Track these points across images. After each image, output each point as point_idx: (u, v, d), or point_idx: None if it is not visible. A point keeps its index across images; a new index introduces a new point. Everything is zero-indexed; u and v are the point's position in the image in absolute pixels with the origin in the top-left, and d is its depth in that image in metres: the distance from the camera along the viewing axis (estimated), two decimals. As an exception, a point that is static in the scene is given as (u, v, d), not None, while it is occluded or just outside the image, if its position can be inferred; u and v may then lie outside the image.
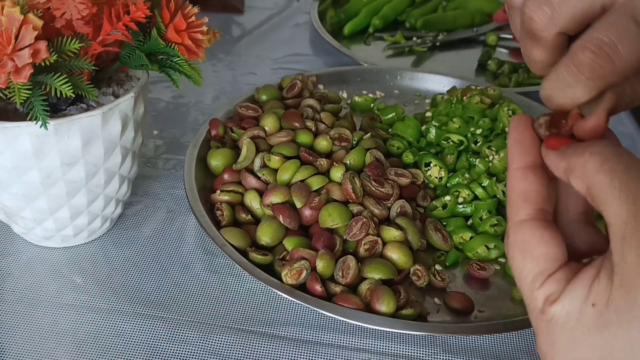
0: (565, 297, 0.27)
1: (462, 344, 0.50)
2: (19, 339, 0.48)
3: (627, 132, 0.78)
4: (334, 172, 0.57)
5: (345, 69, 0.82)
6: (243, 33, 0.98)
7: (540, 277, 0.28)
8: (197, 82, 0.51)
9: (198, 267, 0.56)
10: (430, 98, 0.78)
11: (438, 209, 0.60)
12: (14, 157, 0.46)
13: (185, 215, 0.61)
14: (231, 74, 0.86)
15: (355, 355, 0.49)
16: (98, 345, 0.48)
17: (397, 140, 0.66)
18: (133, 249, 0.57)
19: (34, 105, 0.43)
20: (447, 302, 0.52)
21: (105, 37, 0.47)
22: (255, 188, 0.57)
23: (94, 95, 0.46)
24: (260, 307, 0.52)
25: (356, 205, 0.55)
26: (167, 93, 0.79)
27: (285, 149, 0.59)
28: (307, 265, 0.50)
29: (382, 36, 0.97)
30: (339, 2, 1.04)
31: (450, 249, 0.57)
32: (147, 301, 0.52)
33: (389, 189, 0.57)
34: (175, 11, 0.48)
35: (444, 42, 0.97)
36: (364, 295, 0.50)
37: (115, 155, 0.51)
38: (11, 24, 0.40)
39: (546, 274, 0.28)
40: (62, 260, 0.55)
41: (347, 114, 0.72)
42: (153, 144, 0.70)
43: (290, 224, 0.54)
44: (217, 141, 0.64)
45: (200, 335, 0.49)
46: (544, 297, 0.28)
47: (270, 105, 0.67)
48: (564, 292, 0.27)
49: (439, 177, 0.62)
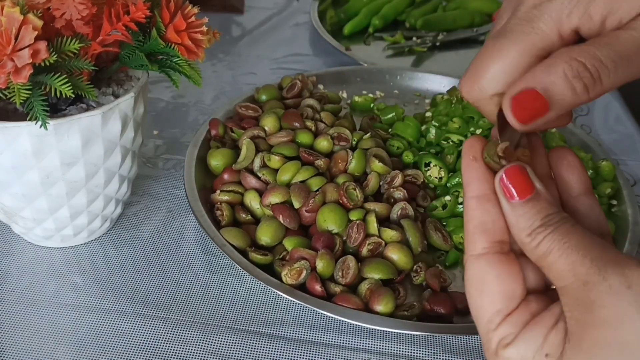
0: (520, 342, 0.27)
1: (462, 344, 0.50)
2: (19, 339, 0.48)
3: (627, 132, 0.78)
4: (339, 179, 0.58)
5: (345, 69, 0.82)
6: (243, 33, 0.98)
7: (496, 318, 0.28)
8: (197, 82, 0.51)
9: (198, 267, 0.56)
10: (430, 98, 0.78)
11: (438, 209, 0.60)
12: (13, 157, 0.46)
13: (185, 215, 0.61)
14: (231, 74, 0.86)
15: (355, 355, 0.49)
16: (98, 345, 0.48)
17: (397, 140, 0.66)
18: (133, 249, 0.57)
19: (33, 105, 0.43)
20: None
21: (105, 37, 0.47)
22: (255, 188, 0.57)
23: (93, 96, 0.46)
24: (260, 307, 0.52)
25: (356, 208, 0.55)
26: (167, 93, 0.79)
27: (285, 149, 0.59)
28: (307, 265, 0.50)
29: (382, 36, 0.97)
30: (339, 2, 1.04)
31: (450, 249, 0.57)
32: (147, 301, 0.52)
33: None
34: (175, 11, 0.48)
35: (444, 42, 0.97)
36: (363, 295, 0.50)
37: (115, 155, 0.51)
38: (11, 24, 0.40)
39: (502, 315, 0.28)
40: (62, 260, 0.55)
41: (347, 113, 0.72)
42: (153, 144, 0.70)
43: (290, 224, 0.54)
44: (217, 141, 0.64)
45: (200, 335, 0.49)
46: (498, 339, 0.28)
47: (270, 105, 0.67)
48: (519, 336, 0.27)
49: (439, 177, 0.62)
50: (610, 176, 0.65)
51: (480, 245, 0.29)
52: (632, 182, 0.69)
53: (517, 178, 0.28)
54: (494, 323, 0.28)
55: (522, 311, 0.28)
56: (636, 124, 0.80)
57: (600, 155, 0.68)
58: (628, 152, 0.74)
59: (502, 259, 0.28)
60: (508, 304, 0.28)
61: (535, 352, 0.26)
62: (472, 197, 0.29)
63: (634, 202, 0.61)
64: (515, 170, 0.28)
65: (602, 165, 0.65)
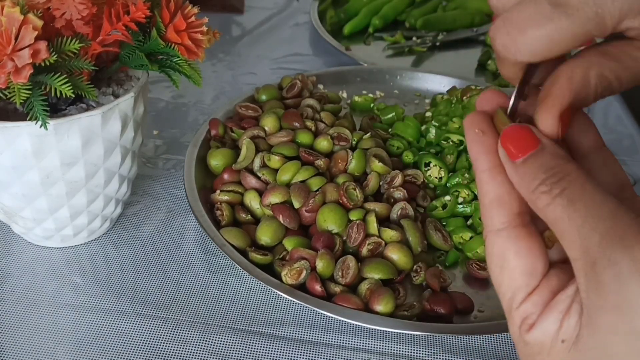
0: (538, 327, 0.26)
1: (462, 344, 0.50)
2: (19, 339, 0.48)
3: (627, 132, 0.78)
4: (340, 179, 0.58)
5: (345, 69, 0.82)
6: (243, 33, 0.98)
7: (518, 296, 0.27)
8: (197, 82, 0.51)
9: (198, 267, 0.56)
10: (430, 98, 0.78)
11: (438, 209, 0.60)
12: (13, 156, 0.46)
13: (185, 215, 0.61)
14: (231, 74, 0.86)
15: (355, 355, 0.49)
16: (98, 345, 0.48)
17: (397, 140, 0.66)
18: (133, 248, 0.57)
19: (33, 105, 0.43)
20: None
21: (105, 37, 0.47)
22: (255, 188, 0.57)
23: (93, 96, 0.46)
24: (260, 307, 0.52)
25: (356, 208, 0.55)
26: (167, 93, 0.79)
27: (285, 149, 0.59)
28: (306, 265, 0.50)
29: (382, 36, 0.97)
30: (339, 2, 1.04)
31: (450, 249, 0.57)
32: (147, 301, 0.52)
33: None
34: (175, 11, 0.48)
35: (444, 42, 0.96)
36: (363, 295, 0.50)
37: (115, 155, 0.51)
38: (11, 24, 0.40)
39: (524, 293, 0.27)
40: (61, 260, 0.55)
41: (347, 113, 0.72)
42: (153, 144, 0.70)
43: (290, 223, 0.54)
44: (217, 141, 0.64)
45: (200, 335, 0.49)
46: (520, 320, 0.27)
47: (270, 105, 0.67)
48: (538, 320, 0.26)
49: (439, 177, 0.62)
50: (610, 176, 0.65)
51: (497, 220, 0.28)
52: (632, 182, 0.69)
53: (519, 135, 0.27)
54: (516, 301, 0.27)
55: (544, 289, 0.27)
56: (636, 124, 0.80)
57: (600, 155, 0.67)
58: (628, 152, 0.74)
59: (521, 234, 0.27)
60: (529, 280, 0.27)
61: (553, 338, 0.26)
62: (483, 170, 0.28)
63: (634, 202, 0.61)
64: (515, 129, 0.27)
65: (602, 165, 0.65)
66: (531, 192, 0.26)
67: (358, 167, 0.59)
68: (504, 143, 0.27)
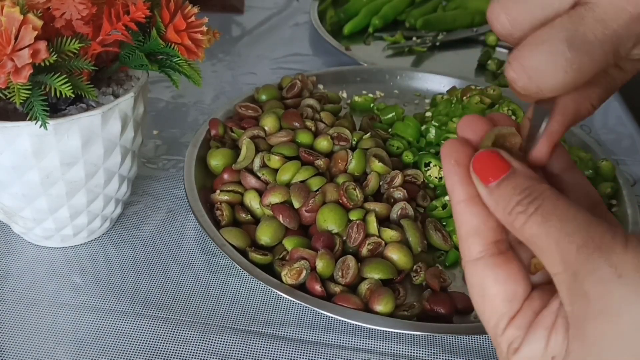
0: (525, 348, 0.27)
1: (462, 344, 0.50)
2: (19, 339, 0.48)
3: (627, 132, 0.78)
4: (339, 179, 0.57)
5: (345, 69, 0.82)
6: (243, 33, 0.98)
7: (501, 323, 0.27)
8: (197, 82, 0.51)
9: (198, 267, 0.56)
10: (430, 98, 0.78)
11: (438, 209, 0.60)
12: (13, 157, 0.46)
13: (185, 215, 0.61)
14: (231, 74, 0.86)
15: (355, 355, 0.49)
16: (98, 345, 0.48)
17: (397, 140, 0.66)
18: (133, 248, 0.57)
19: (33, 105, 0.43)
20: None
21: (105, 37, 0.47)
22: (255, 188, 0.58)
23: (93, 96, 0.46)
24: (260, 307, 0.52)
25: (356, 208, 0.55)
26: (167, 93, 0.79)
27: (285, 149, 0.59)
28: (306, 265, 0.50)
29: (382, 36, 0.97)
30: (339, 2, 1.04)
31: (450, 249, 0.57)
32: (147, 301, 0.52)
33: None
34: (175, 11, 0.48)
35: (444, 42, 0.96)
36: (363, 295, 0.50)
37: (115, 155, 0.51)
38: (11, 24, 0.40)
39: (507, 319, 0.27)
40: (61, 260, 0.55)
41: (347, 113, 0.72)
42: (153, 144, 0.70)
43: (289, 223, 0.54)
44: (217, 141, 0.64)
45: (200, 335, 0.49)
46: (506, 345, 0.27)
47: (270, 105, 0.67)
48: (523, 342, 0.27)
49: (439, 177, 0.62)
50: (610, 176, 0.65)
51: (475, 249, 0.28)
52: (632, 182, 0.69)
53: (490, 160, 0.27)
54: (500, 328, 0.27)
55: (526, 311, 0.27)
56: (636, 124, 0.80)
57: (600, 155, 0.68)
58: (628, 152, 0.74)
59: (499, 261, 0.28)
60: (510, 306, 0.27)
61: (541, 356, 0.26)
62: (459, 202, 0.28)
63: (633, 202, 0.61)
64: (486, 154, 0.28)
65: (602, 165, 0.65)
66: (508, 213, 0.26)
67: (358, 167, 0.59)
68: (475, 169, 0.28)
